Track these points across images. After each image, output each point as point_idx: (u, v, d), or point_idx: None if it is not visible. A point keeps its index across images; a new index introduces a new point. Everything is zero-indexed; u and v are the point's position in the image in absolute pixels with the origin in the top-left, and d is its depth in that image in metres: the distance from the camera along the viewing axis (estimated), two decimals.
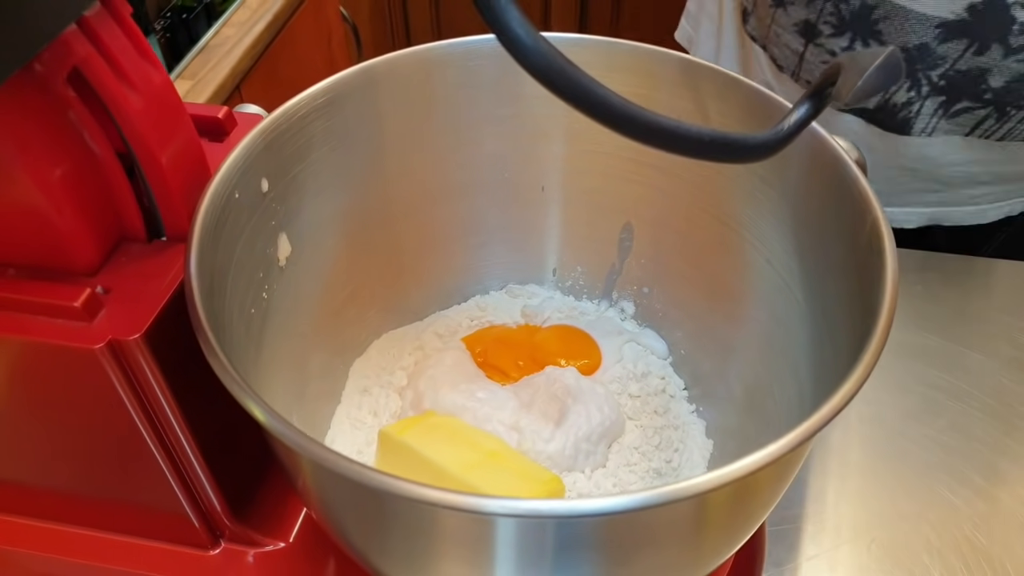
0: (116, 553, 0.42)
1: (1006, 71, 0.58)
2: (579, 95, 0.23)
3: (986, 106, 0.60)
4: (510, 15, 0.22)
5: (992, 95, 0.59)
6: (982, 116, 0.61)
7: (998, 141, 0.64)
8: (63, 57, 0.30)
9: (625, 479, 0.44)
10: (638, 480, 0.44)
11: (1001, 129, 0.63)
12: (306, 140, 0.41)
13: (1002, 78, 0.58)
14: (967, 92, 0.60)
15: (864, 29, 0.60)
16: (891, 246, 0.33)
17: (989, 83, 0.58)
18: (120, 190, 0.34)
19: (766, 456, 0.27)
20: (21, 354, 0.33)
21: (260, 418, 0.27)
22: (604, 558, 0.31)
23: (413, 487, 0.25)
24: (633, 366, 0.49)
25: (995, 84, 0.58)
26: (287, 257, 0.41)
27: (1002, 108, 0.60)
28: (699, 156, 0.25)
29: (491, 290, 0.54)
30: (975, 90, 0.59)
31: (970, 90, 0.60)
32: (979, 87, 0.59)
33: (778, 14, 0.65)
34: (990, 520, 0.49)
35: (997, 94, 0.59)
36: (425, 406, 0.45)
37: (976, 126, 0.62)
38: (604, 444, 0.44)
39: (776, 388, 0.43)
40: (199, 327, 0.30)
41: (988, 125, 0.62)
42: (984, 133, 0.63)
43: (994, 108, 0.61)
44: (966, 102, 0.61)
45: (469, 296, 0.54)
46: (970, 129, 0.63)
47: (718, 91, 0.42)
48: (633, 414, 0.47)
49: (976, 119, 0.62)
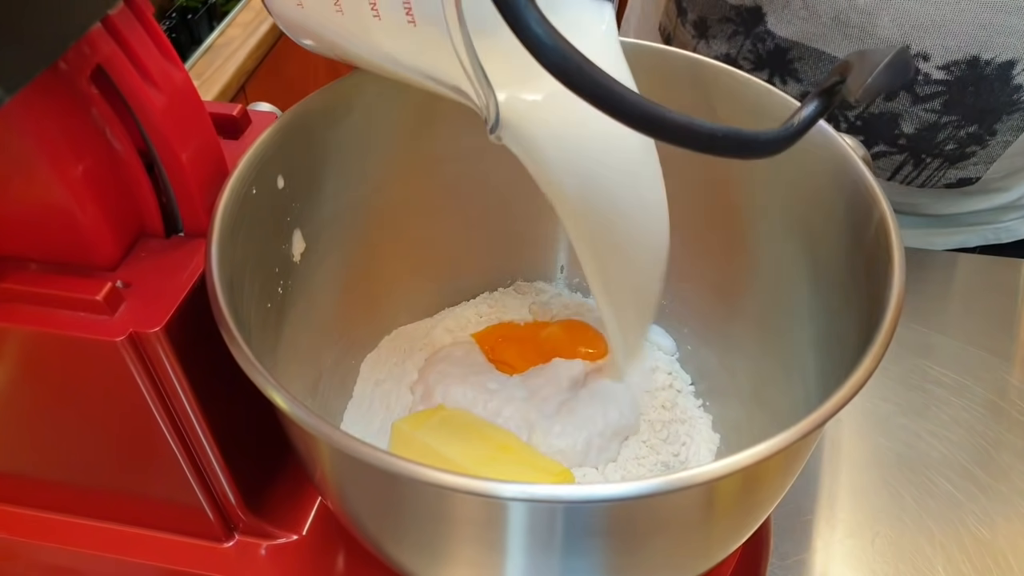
0: (131, 545, 0.43)
1: (915, 119, 0.59)
2: (597, 92, 0.23)
3: (901, 151, 0.61)
4: (530, 15, 0.23)
5: (906, 141, 0.60)
6: (899, 162, 0.62)
7: (919, 188, 0.65)
8: (87, 55, 0.31)
9: (634, 472, 0.44)
10: (646, 472, 0.44)
11: (920, 176, 0.63)
12: (320, 138, 0.41)
13: (912, 125, 0.59)
14: (882, 136, 0.61)
15: (781, 67, 0.61)
16: (898, 242, 0.34)
17: (902, 128, 0.59)
18: (140, 186, 0.35)
19: (775, 445, 0.28)
20: (43, 347, 0.34)
21: (282, 405, 0.28)
22: (614, 545, 0.32)
23: (430, 472, 0.26)
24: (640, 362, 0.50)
25: (907, 130, 0.59)
26: (302, 253, 0.42)
27: (917, 155, 0.61)
28: (711, 152, 0.26)
29: (500, 287, 0.54)
30: (890, 134, 0.60)
31: (885, 134, 0.60)
32: (893, 132, 0.60)
33: (700, 45, 0.66)
34: (993, 514, 0.50)
35: (910, 140, 0.60)
36: (435, 399, 0.45)
37: (896, 171, 0.63)
38: (617, 441, 0.45)
39: (782, 383, 0.44)
40: (221, 319, 0.31)
41: (907, 171, 0.63)
42: (904, 179, 0.64)
43: (910, 154, 0.61)
44: (882, 145, 0.61)
45: (478, 293, 0.54)
46: (891, 174, 0.64)
47: (726, 89, 0.43)
48: (641, 408, 0.48)
49: (895, 164, 0.63)
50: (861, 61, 0.26)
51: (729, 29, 0.63)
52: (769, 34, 0.60)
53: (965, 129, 0.59)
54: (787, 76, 0.61)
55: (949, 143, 0.60)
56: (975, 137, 0.59)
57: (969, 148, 0.61)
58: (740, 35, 0.62)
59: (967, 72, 0.55)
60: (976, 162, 0.62)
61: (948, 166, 0.62)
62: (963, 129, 0.59)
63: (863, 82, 0.25)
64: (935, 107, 0.58)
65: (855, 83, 0.26)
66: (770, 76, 0.62)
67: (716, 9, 0.63)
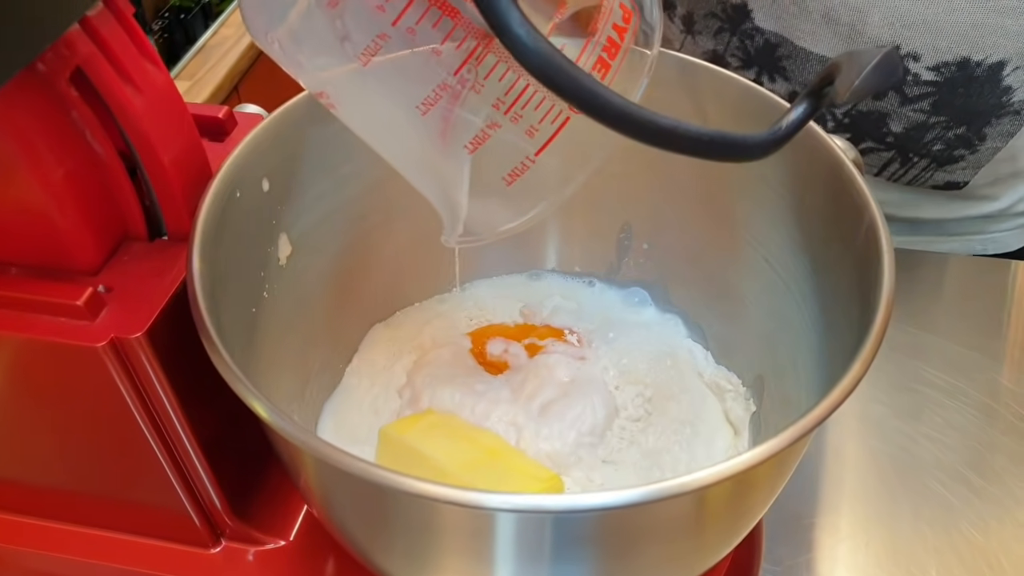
0: (117, 551, 0.43)
1: (903, 118, 0.58)
2: (579, 95, 0.23)
3: (889, 149, 0.61)
4: (511, 16, 0.22)
5: (894, 139, 0.60)
6: (887, 159, 0.62)
7: (907, 185, 0.65)
8: (66, 57, 0.30)
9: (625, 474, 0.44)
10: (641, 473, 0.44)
11: (907, 175, 0.63)
12: (306, 140, 0.41)
13: (901, 124, 0.59)
14: (870, 133, 0.60)
15: (769, 65, 0.61)
16: (888, 245, 0.34)
17: (890, 127, 0.59)
18: (122, 190, 0.35)
19: (763, 452, 0.27)
20: (23, 352, 0.34)
21: (263, 415, 0.27)
22: (603, 553, 0.31)
23: (415, 483, 0.26)
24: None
25: (895, 129, 0.59)
26: (287, 257, 0.41)
27: (905, 154, 0.61)
28: (698, 155, 0.25)
29: (491, 291, 0.54)
30: (877, 132, 0.60)
31: (873, 132, 0.60)
32: (881, 130, 0.60)
33: (687, 41, 0.66)
34: (987, 518, 0.49)
35: (898, 139, 0.60)
36: (423, 403, 0.45)
37: (883, 167, 0.63)
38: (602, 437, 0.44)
39: (775, 385, 0.44)
40: (202, 326, 0.30)
41: (894, 168, 0.63)
42: (891, 176, 0.64)
43: (897, 152, 0.61)
44: (870, 142, 0.61)
45: (468, 296, 0.54)
46: (879, 170, 0.64)
47: (715, 90, 0.42)
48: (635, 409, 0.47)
49: (882, 160, 0.62)
50: (849, 63, 0.25)
51: (715, 25, 0.62)
52: (757, 30, 0.60)
53: (953, 131, 0.59)
54: (775, 74, 0.61)
55: (937, 143, 0.60)
56: (963, 139, 0.59)
57: (957, 151, 0.60)
58: (726, 31, 0.62)
59: (957, 73, 0.55)
60: (964, 166, 0.62)
61: (936, 167, 0.62)
62: (951, 131, 0.59)
63: (851, 84, 0.25)
64: (924, 107, 0.57)
65: (843, 85, 0.25)
66: (758, 74, 0.62)
67: (702, 4, 0.63)
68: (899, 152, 0.61)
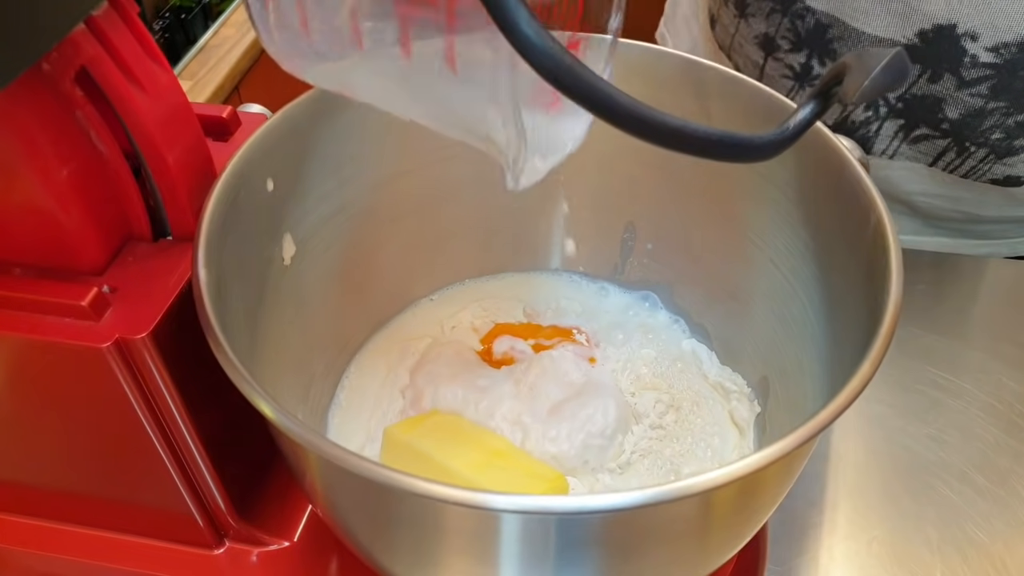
0: (121, 552, 0.42)
1: (960, 103, 0.56)
2: (587, 94, 0.23)
3: (944, 136, 0.58)
4: (519, 15, 0.22)
5: (949, 126, 0.57)
6: (942, 147, 0.59)
7: (963, 178, 0.61)
8: (71, 57, 0.30)
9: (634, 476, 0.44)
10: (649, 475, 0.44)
11: (963, 165, 0.60)
12: (311, 140, 0.41)
13: (957, 110, 0.56)
14: (925, 119, 0.58)
15: (820, 47, 0.59)
16: (895, 245, 0.33)
17: (946, 113, 0.57)
18: (127, 190, 0.34)
19: (771, 454, 0.27)
20: (28, 353, 0.34)
21: (269, 415, 0.27)
22: (609, 555, 0.31)
23: (420, 483, 0.26)
24: None
25: (951, 115, 0.57)
26: (292, 256, 0.41)
27: (961, 142, 0.58)
28: (705, 155, 0.25)
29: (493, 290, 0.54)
30: (932, 118, 0.58)
31: (927, 117, 0.58)
32: (936, 116, 0.57)
33: (741, 25, 0.64)
34: (991, 518, 0.49)
35: (954, 126, 0.57)
36: (425, 402, 0.45)
37: (938, 157, 0.60)
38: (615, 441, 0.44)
39: (780, 386, 0.44)
40: (207, 326, 0.30)
41: (949, 158, 0.60)
42: (947, 167, 0.61)
43: (953, 140, 0.59)
44: (924, 129, 0.59)
45: (471, 296, 0.54)
46: (933, 159, 0.61)
47: (721, 90, 0.42)
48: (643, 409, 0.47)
49: (937, 149, 0.60)
50: (858, 63, 0.25)
51: (767, 7, 0.60)
52: (809, 10, 0.57)
53: (1014, 117, 0.55)
54: (825, 57, 0.59)
55: (995, 132, 0.56)
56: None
57: (1018, 140, 0.57)
58: (778, 12, 0.60)
59: (1018, 55, 0.52)
60: None
61: (994, 159, 0.59)
62: (1011, 117, 0.55)
63: (860, 84, 0.25)
64: (982, 92, 0.54)
65: (852, 85, 0.25)
66: (808, 57, 0.60)
67: None
68: (955, 140, 0.58)
